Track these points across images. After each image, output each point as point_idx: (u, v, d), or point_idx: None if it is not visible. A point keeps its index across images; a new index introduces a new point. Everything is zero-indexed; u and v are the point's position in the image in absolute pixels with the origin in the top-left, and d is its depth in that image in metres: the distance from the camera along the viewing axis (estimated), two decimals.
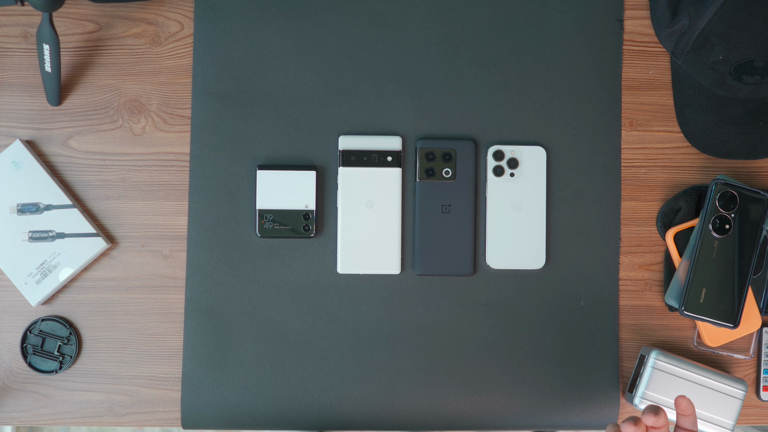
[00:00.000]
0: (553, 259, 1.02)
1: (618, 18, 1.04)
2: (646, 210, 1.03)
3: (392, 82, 1.03)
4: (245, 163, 1.02)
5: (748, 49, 0.96)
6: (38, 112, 1.02)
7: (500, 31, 1.03)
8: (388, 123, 1.02)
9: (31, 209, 1.00)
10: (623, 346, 1.03)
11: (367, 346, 1.02)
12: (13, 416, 1.01)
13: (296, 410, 1.01)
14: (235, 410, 1.01)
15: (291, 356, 1.02)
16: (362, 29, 1.03)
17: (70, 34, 1.02)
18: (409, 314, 1.02)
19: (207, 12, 1.02)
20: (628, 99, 1.03)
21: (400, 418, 1.02)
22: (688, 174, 1.04)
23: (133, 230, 1.02)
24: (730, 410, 0.98)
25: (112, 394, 1.01)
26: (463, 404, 1.02)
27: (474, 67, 1.03)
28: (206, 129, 1.02)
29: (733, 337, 1.01)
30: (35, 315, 1.01)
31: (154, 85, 1.02)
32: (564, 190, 1.03)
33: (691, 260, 0.98)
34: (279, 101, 1.02)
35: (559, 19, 1.03)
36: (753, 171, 1.04)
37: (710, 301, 0.98)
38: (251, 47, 1.02)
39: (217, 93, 1.02)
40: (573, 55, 1.03)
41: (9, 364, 1.01)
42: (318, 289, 1.02)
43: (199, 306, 1.01)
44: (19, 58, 1.02)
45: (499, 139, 1.03)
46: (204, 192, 1.02)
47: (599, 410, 1.02)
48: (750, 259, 0.98)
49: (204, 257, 1.01)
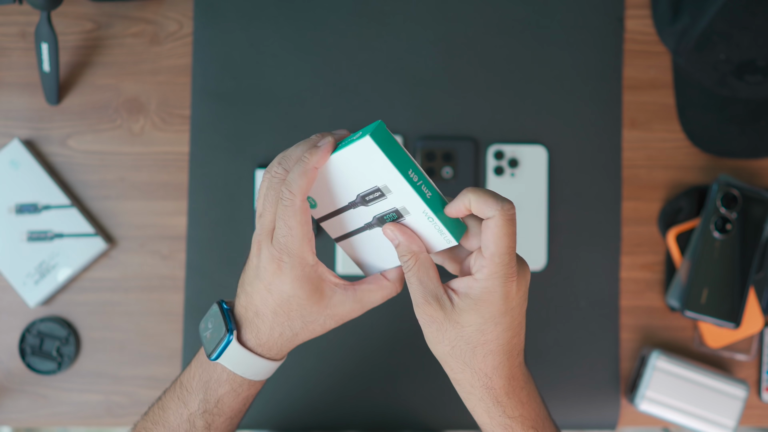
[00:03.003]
0: (554, 259, 1.02)
1: (619, 17, 1.04)
2: (648, 210, 1.03)
3: (392, 82, 1.02)
4: (245, 163, 1.01)
5: (750, 49, 0.96)
6: (37, 111, 1.01)
7: (500, 31, 1.03)
8: (388, 123, 1.02)
9: (29, 209, 0.99)
10: (624, 347, 1.03)
11: (367, 346, 1.02)
12: (12, 417, 1.01)
13: (296, 410, 1.01)
14: None
15: (291, 356, 1.01)
16: (362, 29, 1.03)
17: (69, 33, 1.02)
18: (409, 314, 1.02)
19: (206, 11, 1.02)
20: (629, 98, 1.03)
21: (400, 418, 1.02)
22: (689, 174, 1.03)
23: (132, 230, 1.01)
24: (731, 411, 0.98)
25: (111, 394, 1.01)
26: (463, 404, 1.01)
27: (474, 67, 1.03)
28: (205, 129, 1.02)
29: (735, 337, 1.01)
30: (33, 315, 1.01)
31: (153, 84, 1.02)
32: (565, 189, 1.02)
33: (692, 260, 0.98)
34: (279, 101, 1.02)
35: (560, 18, 1.03)
36: (755, 171, 1.03)
37: (712, 302, 0.97)
38: (251, 47, 1.02)
39: (216, 92, 1.02)
40: (574, 55, 1.03)
41: (7, 365, 1.01)
42: None
43: (198, 306, 1.01)
44: (17, 57, 1.01)
45: (500, 138, 1.02)
46: (203, 192, 1.01)
47: (599, 410, 1.02)
48: (752, 259, 0.98)
49: (203, 257, 1.01)
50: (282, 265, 0.64)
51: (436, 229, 0.63)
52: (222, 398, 0.68)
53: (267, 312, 0.66)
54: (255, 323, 0.67)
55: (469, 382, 0.64)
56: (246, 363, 0.67)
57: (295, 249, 0.63)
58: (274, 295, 0.65)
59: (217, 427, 0.69)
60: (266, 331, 0.67)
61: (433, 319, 0.62)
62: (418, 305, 0.62)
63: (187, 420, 0.69)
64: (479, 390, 0.64)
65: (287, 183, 0.62)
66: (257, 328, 0.67)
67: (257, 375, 0.68)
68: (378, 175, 0.62)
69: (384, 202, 0.64)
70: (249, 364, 0.67)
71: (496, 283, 0.60)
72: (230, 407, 0.69)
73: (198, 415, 0.68)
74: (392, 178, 0.61)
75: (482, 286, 0.60)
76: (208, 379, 0.68)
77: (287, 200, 0.62)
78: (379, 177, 0.62)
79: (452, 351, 0.62)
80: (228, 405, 0.69)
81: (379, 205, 0.65)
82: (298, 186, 0.62)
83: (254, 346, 0.67)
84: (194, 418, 0.68)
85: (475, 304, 0.60)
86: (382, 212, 0.65)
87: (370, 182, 0.63)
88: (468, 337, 0.61)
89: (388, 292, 0.69)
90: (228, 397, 0.68)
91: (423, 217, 0.63)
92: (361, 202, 0.66)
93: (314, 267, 0.65)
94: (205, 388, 0.68)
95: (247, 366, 0.68)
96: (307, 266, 0.64)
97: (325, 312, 0.67)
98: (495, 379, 0.63)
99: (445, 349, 0.63)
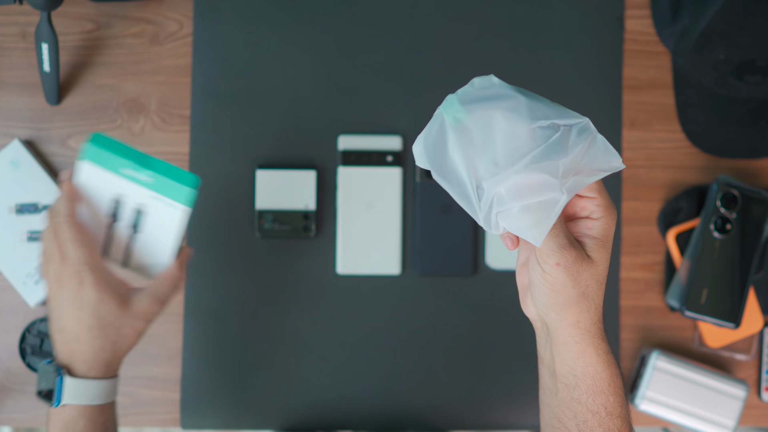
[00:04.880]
0: None
1: (618, 17, 1.04)
2: (647, 210, 1.03)
3: (392, 82, 1.02)
4: (245, 163, 1.01)
5: (749, 49, 0.96)
6: (37, 111, 1.01)
7: (500, 30, 1.03)
8: (388, 123, 1.02)
9: (29, 209, 0.99)
10: (624, 347, 1.03)
11: (367, 346, 1.02)
12: (12, 417, 1.01)
13: (296, 410, 1.01)
14: (235, 411, 1.01)
15: (291, 356, 1.01)
16: (362, 29, 1.03)
17: (69, 34, 1.02)
18: (409, 314, 1.02)
19: (206, 11, 1.02)
20: (628, 98, 1.03)
21: (400, 418, 1.02)
22: (689, 174, 1.03)
23: None
24: (731, 411, 0.98)
25: None
26: (463, 404, 1.02)
27: (474, 67, 1.03)
28: (206, 129, 1.02)
29: (735, 337, 1.01)
30: (33, 315, 1.01)
31: (154, 84, 1.02)
32: None
33: (692, 260, 0.98)
34: (279, 101, 1.02)
35: (560, 18, 1.03)
36: (754, 171, 1.03)
37: (712, 302, 0.97)
38: (251, 47, 1.02)
39: (216, 93, 1.02)
40: (573, 55, 1.03)
41: (7, 365, 1.01)
42: (318, 290, 1.01)
43: (198, 306, 1.01)
44: (17, 58, 1.02)
45: None
46: (203, 192, 1.01)
47: None
48: (751, 259, 0.98)
49: (204, 257, 1.01)
50: (82, 275, 0.71)
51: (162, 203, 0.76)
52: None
53: (83, 330, 0.72)
54: (77, 350, 0.73)
55: (591, 319, 0.65)
56: (87, 390, 0.73)
57: (87, 257, 0.72)
58: (84, 309, 0.72)
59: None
60: (89, 350, 0.73)
61: (575, 259, 0.63)
62: (564, 247, 0.63)
63: None
64: (596, 326, 0.65)
65: (54, 212, 0.72)
66: (81, 353, 0.73)
67: (102, 397, 0.74)
68: (106, 189, 0.73)
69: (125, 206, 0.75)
70: (90, 390, 0.73)
71: (613, 218, 0.64)
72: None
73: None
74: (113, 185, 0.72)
75: (603, 224, 0.64)
76: (64, 426, 0.73)
77: (61, 223, 0.71)
78: (108, 190, 0.73)
79: (585, 292, 0.64)
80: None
81: (126, 209, 0.75)
82: (63, 206, 0.72)
83: (86, 372, 0.73)
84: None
85: (602, 242, 0.64)
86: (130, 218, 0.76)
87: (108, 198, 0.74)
88: (599, 274, 0.64)
89: (174, 279, 0.77)
90: (88, 429, 0.73)
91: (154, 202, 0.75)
92: (114, 218, 0.76)
93: (109, 273, 0.74)
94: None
95: (89, 392, 0.73)
96: (103, 271, 0.73)
97: (130, 313, 0.74)
98: (601, 312, 0.66)
99: (577, 291, 0.64)
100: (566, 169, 0.60)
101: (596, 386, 0.65)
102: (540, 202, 0.60)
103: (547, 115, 0.61)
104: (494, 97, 0.62)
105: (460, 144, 0.61)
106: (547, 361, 0.68)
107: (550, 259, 0.63)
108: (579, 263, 0.63)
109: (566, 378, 0.66)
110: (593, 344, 0.65)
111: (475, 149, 0.61)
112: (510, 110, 0.61)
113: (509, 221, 0.61)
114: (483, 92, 0.62)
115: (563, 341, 0.66)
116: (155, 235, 0.77)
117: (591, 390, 0.65)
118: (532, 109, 0.61)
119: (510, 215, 0.60)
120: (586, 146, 0.60)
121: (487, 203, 0.61)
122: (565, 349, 0.66)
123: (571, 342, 0.65)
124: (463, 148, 0.61)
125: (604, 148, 0.61)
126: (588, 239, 0.64)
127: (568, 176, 0.60)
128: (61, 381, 0.72)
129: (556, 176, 0.60)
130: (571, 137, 0.60)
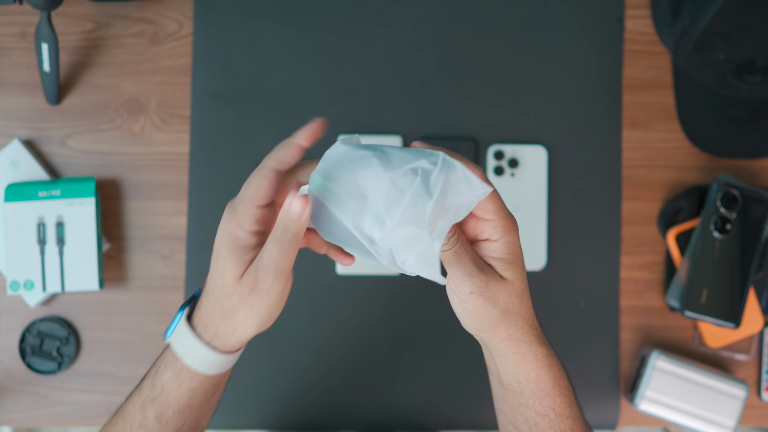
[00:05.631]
0: (554, 260, 1.02)
1: (618, 17, 1.04)
2: (647, 210, 1.03)
3: (392, 82, 1.02)
4: (245, 163, 1.01)
5: (749, 49, 0.96)
6: (37, 111, 1.01)
7: (500, 30, 1.03)
8: (388, 123, 1.02)
9: None
10: (624, 347, 1.03)
11: (367, 346, 1.02)
12: (12, 417, 1.01)
13: (296, 410, 1.01)
14: (235, 410, 1.01)
15: (291, 356, 1.01)
16: (362, 29, 1.03)
17: (69, 33, 1.02)
18: (409, 314, 1.02)
19: (206, 11, 1.02)
20: (629, 98, 1.03)
21: (400, 418, 1.02)
22: (689, 174, 1.03)
23: (132, 230, 1.01)
24: (731, 411, 0.98)
25: (111, 394, 1.01)
26: (463, 404, 1.02)
27: (474, 67, 1.03)
28: (206, 129, 1.02)
29: (735, 337, 1.01)
30: (34, 315, 1.01)
31: (154, 84, 1.02)
32: (565, 190, 1.02)
33: (692, 260, 0.98)
34: (279, 101, 1.02)
35: (560, 18, 1.03)
36: (754, 171, 1.03)
37: (712, 302, 0.97)
38: (251, 47, 1.02)
39: (216, 92, 1.02)
40: (573, 55, 1.03)
41: (7, 365, 1.01)
42: (318, 290, 1.01)
43: None
44: (17, 58, 1.01)
45: (500, 138, 1.02)
46: (204, 192, 1.01)
47: (599, 410, 1.02)
48: (751, 259, 0.98)
49: (204, 257, 1.01)
50: (229, 210, 0.67)
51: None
52: (165, 385, 0.67)
53: (213, 265, 0.66)
54: (208, 295, 0.66)
55: (522, 330, 0.66)
56: (187, 344, 0.66)
57: (242, 200, 0.66)
58: (217, 238, 0.67)
59: (167, 420, 0.67)
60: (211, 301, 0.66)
61: (487, 284, 0.63)
62: (473, 275, 0.63)
63: (140, 409, 0.68)
64: (529, 335, 0.66)
65: (267, 156, 0.65)
66: (207, 301, 0.66)
67: (198, 363, 0.66)
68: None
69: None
70: (189, 346, 0.66)
71: (513, 235, 0.64)
72: (175, 398, 0.67)
73: (148, 402, 0.67)
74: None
75: (504, 244, 0.64)
76: (159, 362, 0.68)
77: (261, 167, 0.65)
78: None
79: (506, 309, 0.65)
80: (172, 394, 0.67)
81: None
82: (274, 154, 0.64)
83: (201, 330, 0.66)
84: (145, 406, 0.68)
85: (509, 261, 0.64)
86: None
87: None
88: (516, 289, 0.64)
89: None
90: (170, 384, 0.67)
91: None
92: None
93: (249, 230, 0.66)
94: (155, 371, 0.68)
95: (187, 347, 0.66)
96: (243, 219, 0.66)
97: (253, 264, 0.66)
98: (534, 318, 0.67)
99: (497, 311, 0.64)
100: (433, 213, 0.60)
101: (540, 390, 0.67)
102: (421, 252, 0.61)
103: (401, 162, 0.60)
104: (350, 161, 0.62)
105: (341, 210, 0.62)
106: (493, 371, 0.70)
107: (464, 289, 0.63)
108: (492, 286, 0.63)
109: (512, 385, 0.68)
110: (531, 351, 0.66)
111: (357, 210, 0.61)
112: (365, 167, 0.61)
113: (413, 268, 0.62)
114: (339, 161, 0.63)
115: (501, 353, 0.67)
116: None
117: (536, 394, 0.67)
118: (383, 162, 0.61)
119: (411, 264, 0.62)
120: (448, 180, 0.60)
121: (388, 256, 0.62)
122: (505, 360, 0.67)
123: (509, 353, 0.67)
124: (346, 213, 0.61)
125: (464, 178, 0.60)
126: (494, 261, 0.64)
127: (437, 220, 0.60)
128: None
129: (424, 225, 0.60)
130: (432, 177, 0.60)
